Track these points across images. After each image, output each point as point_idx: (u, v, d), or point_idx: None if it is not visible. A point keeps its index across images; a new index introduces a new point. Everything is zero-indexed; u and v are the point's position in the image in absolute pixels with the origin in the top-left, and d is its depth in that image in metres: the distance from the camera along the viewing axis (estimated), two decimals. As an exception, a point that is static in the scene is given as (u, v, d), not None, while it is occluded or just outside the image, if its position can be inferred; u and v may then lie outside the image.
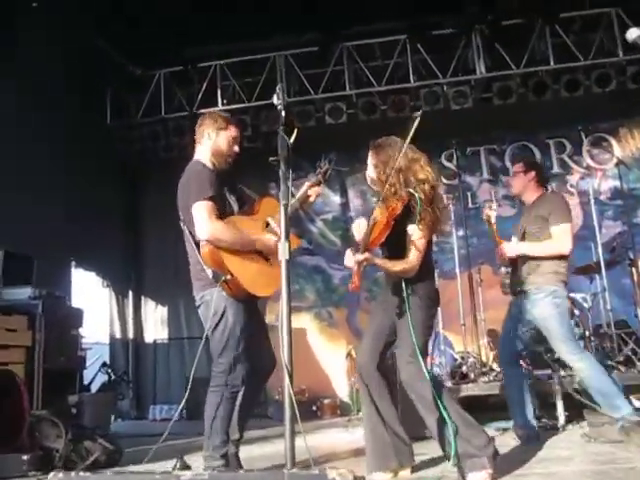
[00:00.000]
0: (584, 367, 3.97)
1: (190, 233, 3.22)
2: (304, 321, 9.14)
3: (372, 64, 8.40)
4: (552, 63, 7.86)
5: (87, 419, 5.91)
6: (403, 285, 3.06)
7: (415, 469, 3.25)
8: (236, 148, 3.45)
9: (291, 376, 1.91)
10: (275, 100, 2.53)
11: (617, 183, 7.43)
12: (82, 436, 4.00)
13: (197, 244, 3.17)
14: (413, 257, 3.07)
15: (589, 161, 8.79)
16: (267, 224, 3.39)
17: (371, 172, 3.28)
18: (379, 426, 3.17)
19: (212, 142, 3.37)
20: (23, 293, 5.54)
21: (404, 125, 3.50)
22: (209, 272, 3.12)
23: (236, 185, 3.56)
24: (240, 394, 3.28)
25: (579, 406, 4.96)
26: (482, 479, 2.82)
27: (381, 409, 3.19)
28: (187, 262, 3.40)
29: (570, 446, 3.92)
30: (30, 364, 5.21)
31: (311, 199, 3.58)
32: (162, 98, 8.71)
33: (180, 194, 3.32)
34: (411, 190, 3.04)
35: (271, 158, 2.13)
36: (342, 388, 8.24)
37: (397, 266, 3.09)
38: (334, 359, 8.48)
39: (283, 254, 1.99)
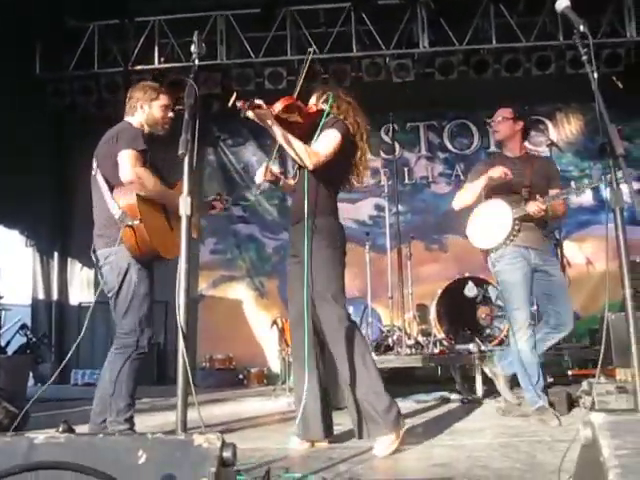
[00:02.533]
0: None
1: (106, 179, 3.17)
2: (237, 291, 9.04)
3: (315, 31, 8.20)
4: (494, 42, 7.86)
5: (1, 381, 5.67)
6: (305, 222, 3.01)
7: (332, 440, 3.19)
8: (170, 114, 3.46)
9: (185, 337, 1.80)
10: (192, 48, 2.38)
11: (552, 164, 7.53)
12: (-17, 398, 3.80)
13: (111, 188, 3.15)
14: (316, 146, 3.07)
15: (525, 142, 8.90)
16: None
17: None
18: (315, 391, 3.09)
19: (146, 114, 3.41)
20: None
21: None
22: (117, 212, 3.06)
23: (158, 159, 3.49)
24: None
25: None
26: (388, 443, 2.80)
27: (318, 375, 3.12)
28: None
29: (484, 419, 3.98)
30: (-63, 323, 4.95)
31: (213, 212, 3.69)
32: (96, 52, 8.31)
33: (103, 144, 3.28)
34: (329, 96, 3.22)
35: (177, 107, 1.99)
36: (271, 358, 8.20)
37: (298, 142, 3.04)
38: (265, 329, 8.39)
39: (184, 209, 1.87)
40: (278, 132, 2.99)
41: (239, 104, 2.79)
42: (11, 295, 7.92)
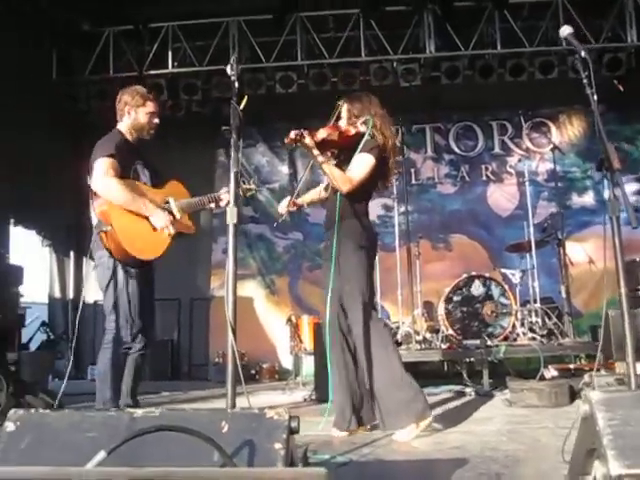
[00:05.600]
0: None
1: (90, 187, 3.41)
2: (248, 289, 9.28)
3: (325, 36, 8.44)
4: (499, 47, 8.10)
5: (25, 377, 5.92)
6: (336, 224, 3.24)
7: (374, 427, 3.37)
8: (156, 120, 3.66)
9: (234, 330, 2.05)
10: (229, 70, 2.61)
11: (554, 166, 7.77)
12: (23, 390, 4.07)
13: (92, 195, 3.40)
14: (351, 173, 3.33)
15: (528, 144, 9.16)
16: (167, 202, 3.60)
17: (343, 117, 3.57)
18: (345, 384, 3.30)
19: (132, 119, 3.58)
20: (-39, 249, 5.49)
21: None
22: (95, 219, 3.34)
23: (150, 161, 3.72)
24: (132, 357, 3.41)
25: (502, 374, 5.33)
26: (408, 431, 3.05)
27: (349, 368, 3.32)
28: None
29: (491, 409, 4.23)
30: (-33, 320, 5.19)
31: (209, 206, 3.77)
32: (111, 57, 8.55)
33: (92, 155, 3.45)
34: (368, 117, 3.39)
35: (223, 127, 2.23)
36: (282, 354, 8.44)
37: (335, 169, 3.31)
38: (275, 326, 8.65)
39: (231, 218, 2.12)
40: (319, 160, 3.26)
41: (287, 140, 3.07)
42: (29, 293, 8.16)
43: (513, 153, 9.21)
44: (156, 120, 3.65)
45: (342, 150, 3.47)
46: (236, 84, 2.47)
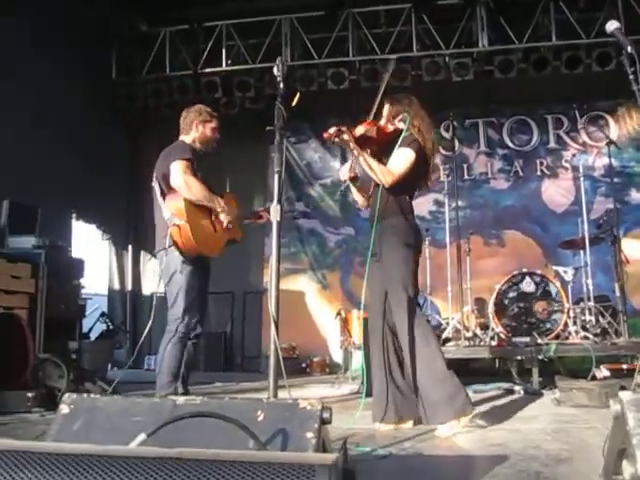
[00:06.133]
0: None
1: (161, 188, 3.67)
2: (300, 283, 9.40)
3: (376, 31, 8.45)
4: (554, 39, 7.93)
5: (86, 365, 6.19)
6: (374, 226, 3.28)
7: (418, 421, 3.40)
8: (217, 135, 4.01)
9: (277, 324, 2.12)
10: (275, 71, 2.68)
11: (611, 161, 7.56)
12: (83, 378, 4.28)
13: (163, 196, 3.64)
14: (391, 166, 3.38)
15: (585, 138, 8.94)
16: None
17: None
18: (384, 378, 3.37)
19: (199, 132, 3.91)
20: (27, 242, 5.74)
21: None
22: (167, 214, 3.55)
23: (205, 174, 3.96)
24: (187, 346, 3.62)
25: (553, 372, 5.26)
26: (449, 427, 3.08)
27: (390, 362, 3.39)
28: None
29: (539, 408, 4.20)
30: (33, 310, 5.44)
31: (260, 221, 4.20)
32: (167, 56, 8.78)
33: (160, 160, 3.77)
34: (405, 112, 3.47)
35: (268, 127, 2.31)
36: (333, 348, 8.53)
37: (376, 162, 3.35)
38: (327, 320, 8.73)
39: (274, 216, 2.20)
40: (359, 154, 3.31)
41: (326, 135, 3.13)
42: (89, 285, 8.49)
43: (569, 147, 9.00)
44: (218, 135, 4.00)
45: (381, 148, 3.50)
46: (281, 85, 2.53)
